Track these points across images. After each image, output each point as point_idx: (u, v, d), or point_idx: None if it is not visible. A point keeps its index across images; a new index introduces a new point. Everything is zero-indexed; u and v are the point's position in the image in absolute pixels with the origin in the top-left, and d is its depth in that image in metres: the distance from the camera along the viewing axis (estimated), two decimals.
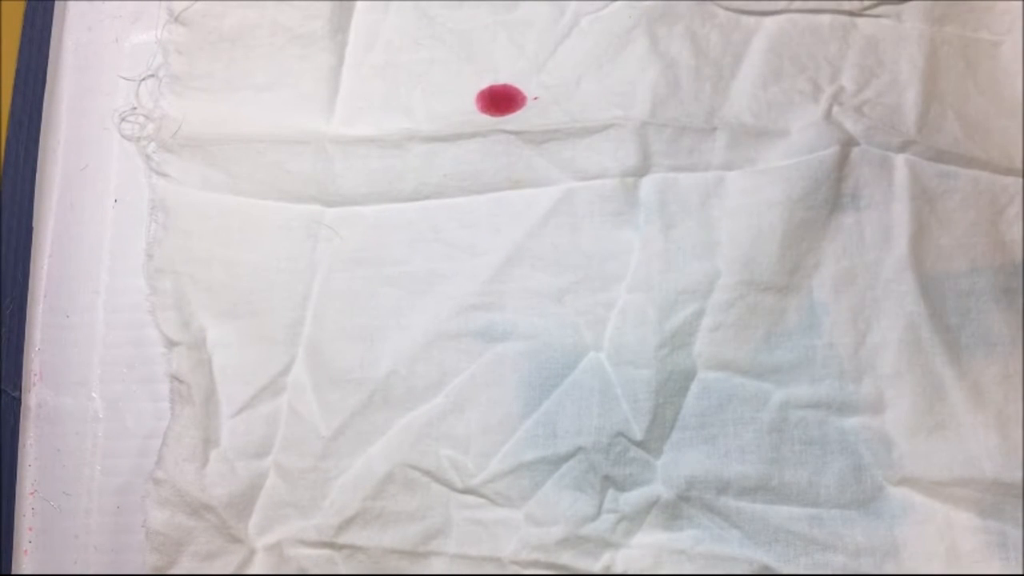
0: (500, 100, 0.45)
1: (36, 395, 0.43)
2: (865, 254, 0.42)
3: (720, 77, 0.45)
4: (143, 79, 0.46)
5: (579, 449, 0.41)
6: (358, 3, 0.47)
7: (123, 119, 0.45)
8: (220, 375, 0.42)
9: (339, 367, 0.42)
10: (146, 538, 0.40)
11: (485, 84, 0.45)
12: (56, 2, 0.47)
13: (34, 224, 0.45)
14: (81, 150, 0.46)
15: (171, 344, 0.42)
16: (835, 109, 0.44)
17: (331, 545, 0.40)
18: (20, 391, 0.43)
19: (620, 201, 0.43)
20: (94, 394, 0.43)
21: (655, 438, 0.41)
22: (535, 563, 0.40)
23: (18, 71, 0.47)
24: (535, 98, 0.45)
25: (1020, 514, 0.39)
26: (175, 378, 0.42)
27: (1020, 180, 0.43)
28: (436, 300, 0.43)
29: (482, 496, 0.41)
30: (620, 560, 0.40)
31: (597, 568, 0.40)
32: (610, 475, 0.41)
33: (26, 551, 0.41)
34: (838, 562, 0.40)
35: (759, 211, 0.42)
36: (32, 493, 0.42)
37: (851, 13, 0.46)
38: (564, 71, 0.45)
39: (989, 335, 0.41)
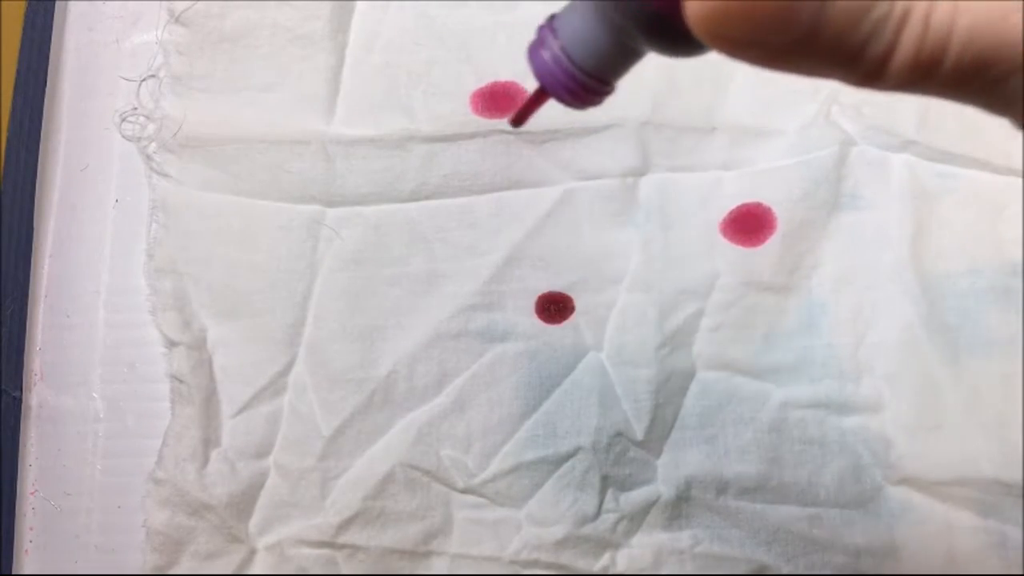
0: (501, 99, 0.45)
1: (37, 395, 0.43)
2: (864, 254, 0.42)
3: (720, 77, 0.45)
4: (144, 80, 0.46)
5: (579, 449, 0.41)
6: (358, 3, 0.47)
7: (124, 119, 0.45)
8: (220, 375, 0.42)
9: (339, 367, 0.42)
10: (146, 538, 0.40)
11: (485, 84, 0.45)
12: (57, 2, 0.47)
13: (35, 224, 0.45)
14: (82, 150, 0.46)
15: (171, 344, 0.42)
16: (834, 109, 0.44)
17: (331, 545, 0.40)
18: (20, 391, 0.43)
19: (620, 201, 0.43)
20: (95, 394, 0.43)
21: (655, 438, 0.41)
22: (535, 563, 0.40)
23: (18, 71, 0.46)
24: None
25: (1019, 514, 0.39)
26: (175, 378, 0.42)
27: (1020, 180, 0.43)
28: (436, 300, 0.43)
29: (482, 496, 0.41)
30: (620, 560, 0.40)
31: (597, 568, 0.40)
32: (610, 475, 0.41)
33: (26, 551, 0.41)
34: (838, 562, 0.40)
35: None
36: (32, 493, 0.42)
37: None
38: None
39: (988, 335, 0.41)
